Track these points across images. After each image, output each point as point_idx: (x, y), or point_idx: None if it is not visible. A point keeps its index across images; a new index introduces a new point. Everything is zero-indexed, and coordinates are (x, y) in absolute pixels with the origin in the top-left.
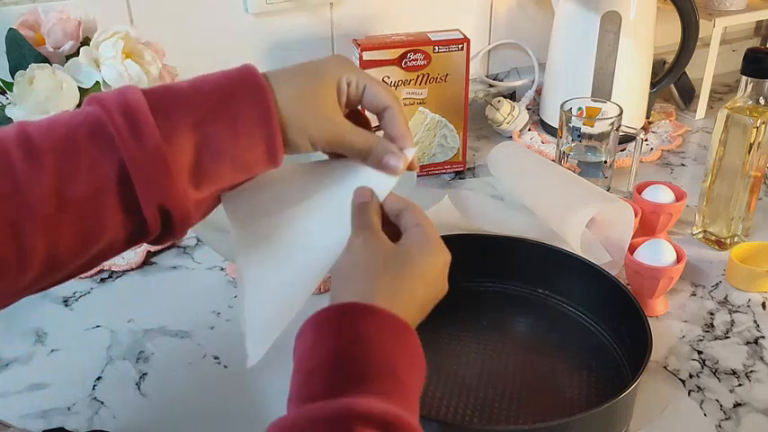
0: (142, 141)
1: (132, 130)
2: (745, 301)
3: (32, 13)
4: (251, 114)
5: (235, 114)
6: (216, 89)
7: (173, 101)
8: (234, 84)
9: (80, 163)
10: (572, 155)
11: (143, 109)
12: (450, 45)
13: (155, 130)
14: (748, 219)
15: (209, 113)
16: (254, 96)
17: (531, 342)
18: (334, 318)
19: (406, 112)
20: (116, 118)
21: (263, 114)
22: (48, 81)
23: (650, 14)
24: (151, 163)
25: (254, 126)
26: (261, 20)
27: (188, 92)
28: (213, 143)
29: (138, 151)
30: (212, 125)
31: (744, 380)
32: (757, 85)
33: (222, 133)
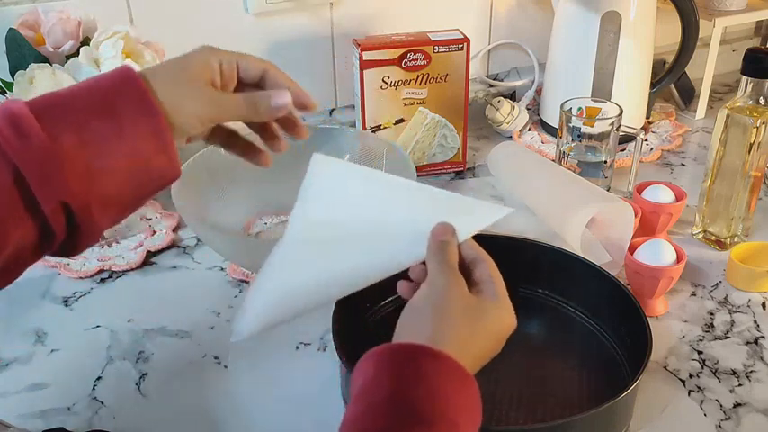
0: (29, 141)
1: (17, 133)
2: (745, 301)
3: (32, 13)
4: (129, 103)
5: (113, 106)
6: (94, 87)
7: (53, 104)
8: (109, 80)
9: None
10: (572, 155)
11: (25, 114)
12: (450, 45)
13: (39, 131)
14: (748, 219)
15: (89, 109)
16: (129, 87)
17: (531, 342)
18: (404, 357)
19: (407, 112)
20: (2, 127)
21: (141, 101)
22: (48, 81)
23: (650, 14)
24: (41, 159)
25: (135, 114)
26: (261, 20)
27: (67, 94)
28: (98, 136)
29: (27, 151)
30: (94, 119)
31: (744, 380)
32: (757, 85)
33: (105, 126)
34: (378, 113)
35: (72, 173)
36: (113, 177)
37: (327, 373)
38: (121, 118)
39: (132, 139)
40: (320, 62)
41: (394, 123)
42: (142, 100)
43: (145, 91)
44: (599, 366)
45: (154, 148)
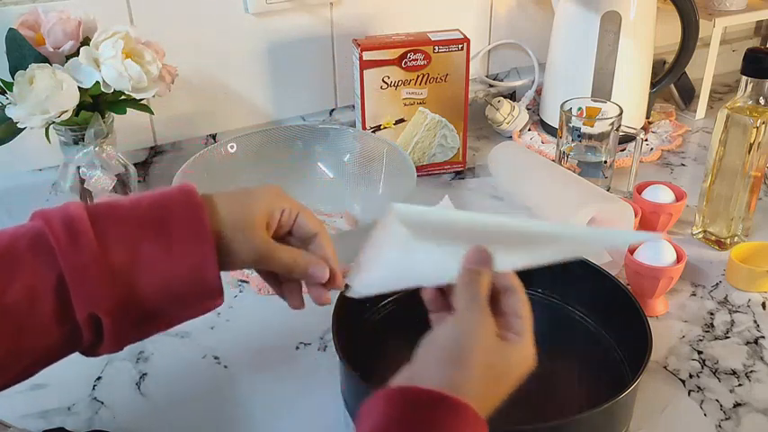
0: (79, 248)
1: (71, 238)
2: (745, 301)
3: (32, 13)
4: (184, 229)
5: (168, 229)
6: (154, 204)
7: (111, 214)
8: (172, 201)
9: (18, 270)
10: (572, 155)
11: (83, 219)
12: (450, 45)
13: (92, 240)
14: (748, 219)
15: (145, 226)
16: (189, 212)
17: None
18: (423, 405)
19: (407, 112)
20: (56, 227)
21: (197, 231)
22: (48, 81)
23: (650, 14)
24: (86, 269)
25: (188, 242)
26: (261, 20)
27: (127, 206)
28: (147, 256)
29: (75, 257)
30: (147, 240)
31: (744, 380)
32: (757, 85)
33: (155, 247)
34: (378, 113)
35: (113, 288)
36: (152, 298)
37: (327, 373)
38: (173, 242)
39: (179, 265)
40: (320, 62)
41: (394, 123)
42: (198, 230)
43: (202, 220)
44: (599, 366)
45: (198, 278)
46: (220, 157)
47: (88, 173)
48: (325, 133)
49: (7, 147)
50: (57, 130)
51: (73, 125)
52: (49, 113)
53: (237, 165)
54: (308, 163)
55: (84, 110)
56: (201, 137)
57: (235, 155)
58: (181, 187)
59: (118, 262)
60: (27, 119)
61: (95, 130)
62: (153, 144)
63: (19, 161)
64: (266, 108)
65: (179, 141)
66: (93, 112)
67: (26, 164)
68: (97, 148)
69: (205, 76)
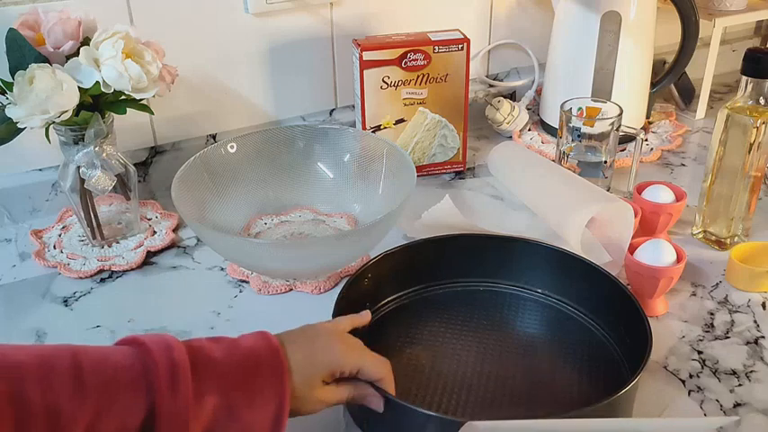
0: (177, 396)
1: (172, 384)
2: (745, 301)
3: (32, 13)
4: (270, 391)
5: (255, 388)
6: (244, 361)
7: (207, 364)
8: (260, 360)
9: (117, 404)
10: (572, 155)
11: (185, 367)
12: (450, 45)
13: (189, 389)
14: (748, 219)
15: (235, 382)
16: (274, 377)
17: (531, 341)
18: None
19: (407, 112)
20: (162, 370)
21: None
22: (48, 81)
23: (650, 14)
24: (178, 416)
25: (270, 402)
26: (261, 20)
27: (221, 359)
28: (232, 409)
29: (171, 403)
30: (235, 393)
31: (744, 380)
32: (757, 85)
33: (242, 396)
34: (378, 113)
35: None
36: None
37: None
38: (256, 400)
39: (258, 413)
40: (320, 62)
41: (394, 123)
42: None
43: (285, 391)
44: (599, 365)
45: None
46: (220, 157)
47: (88, 173)
48: (325, 133)
49: (7, 147)
50: (57, 130)
51: (73, 125)
52: (49, 113)
53: (237, 165)
54: (308, 163)
55: (84, 110)
56: (201, 137)
57: (235, 155)
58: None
59: (209, 410)
60: (27, 119)
61: (95, 130)
62: (153, 144)
63: (19, 161)
64: (266, 108)
65: (179, 141)
66: (93, 112)
67: (26, 164)
68: (97, 148)
69: (205, 76)
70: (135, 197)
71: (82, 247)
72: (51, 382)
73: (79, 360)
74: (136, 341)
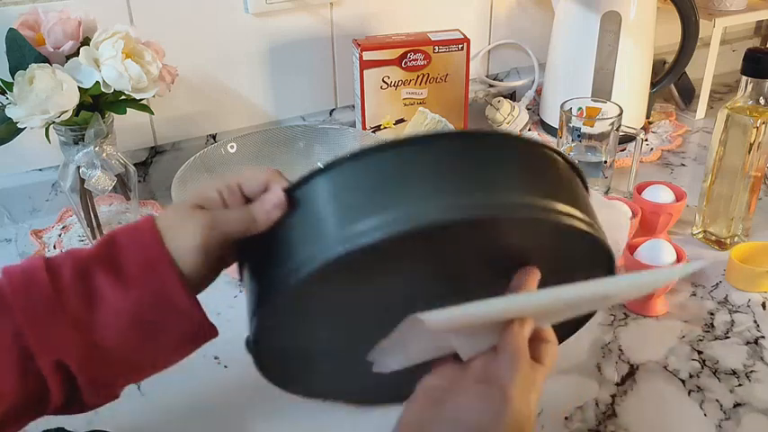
0: (33, 296)
1: (25, 287)
2: (745, 301)
3: (32, 12)
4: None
5: (120, 262)
6: (104, 242)
7: (67, 258)
8: (119, 234)
9: None
10: (572, 155)
11: (38, 268)
12: (450, 45)
13: (47, 286)
14: (748, 219)
15: (97, 262)
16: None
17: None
18: None
19: (407, 112)
20: (13, 278)
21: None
22: (48, 81)
23: (650, 14)
24: (43, 316)
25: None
26: (261, 20)
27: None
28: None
29: (30, 305)
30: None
31: (744, 380)
32: (757, 85)
33: (109, 281)
34: (378, 113)
35: (75, 331)
36: (119, 336)
37: None
38: (126, 273)
39: (139, 295)
40: (320, 62)
41: (394, 123)
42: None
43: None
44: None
45: (165, 304)
46: (220, 157)
47: (88, 173)
48: (325, 133)
49: (7, 147)
50: (57, 130)
51: (73, 125)
52: (49, 113)
53: (237, 165)
54: (308, 163)
55: (84, 110)
56: (201, 137)
57: (235, 155)
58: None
59: (74, 304)
60: (27, 119)
61: (95, 130)
62: (153, 144)
63: (19, 161)
64: (266, 108)
65: (179, 141)
66: (93, 112)
67: (26, 164)
68: (97, 148)
69: (205, 76)
70: (135, 197)
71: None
72: None
73: None
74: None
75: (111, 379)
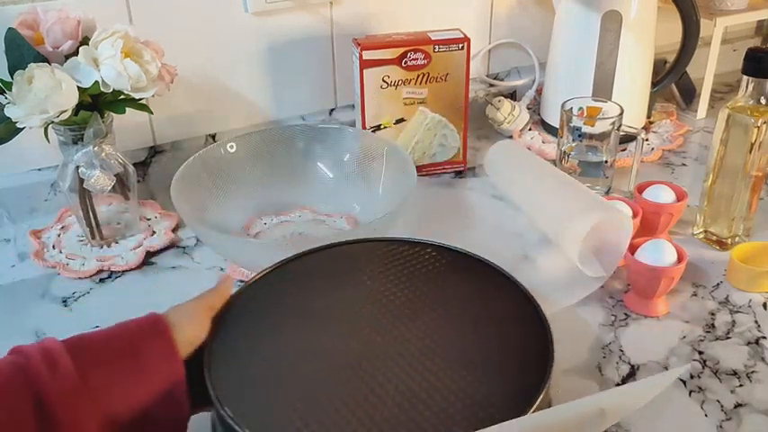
0: (58, 374)
1: (50, 366)
2: (746, 302)
3: (31, 12)
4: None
5: (139, 350)
6: (121, 330)
7: (83, 343)
8: (139, 324)
9: None
10: (573, 154)
11: (59, 348)
12: (450, 44)
13: (70, 365)
14: (749, 219)
15: (116, 350)
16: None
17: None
18: None
19: (407, 112)
20: (35, 357)
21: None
22: (47, 80)
23: (651, 14)
24: (66, 394)
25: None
26: (260, 19)
27: (96, 335)
28: (122, 376)
29: (54, 383)
30: (120, 360)
31: (745, 380)
32: (758, 85)
33: (129, 368)
34: (378, 113)
35: (95, 412)
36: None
37: None
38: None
39: (150, 380)
40: (320, 62)
41: (394, 123)
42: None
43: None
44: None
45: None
46: (220, 157)
47: (87, 172)
48: (325, 133)
49: (6, 146)
50: (56, 129)
51: (72, 125)
52: (48, 113)
53: (237, 165)
54: (308, 163)
55: (83, 109)
56: (201, 136)
57: (235, 155)
58: (148, 316)
59: (97, 386)
60: (26, 118)
61: (94, 129)
62: (152, 144)
63: (18, 161)
64: (266, 108)
65: (178, 141)
66: (92, 112)
67: (25, 164)
68: (96, 147)
69: (205, 76)
70: (134, 197)
71: (81, 248)
72: None
73: None
74: (14, 349)
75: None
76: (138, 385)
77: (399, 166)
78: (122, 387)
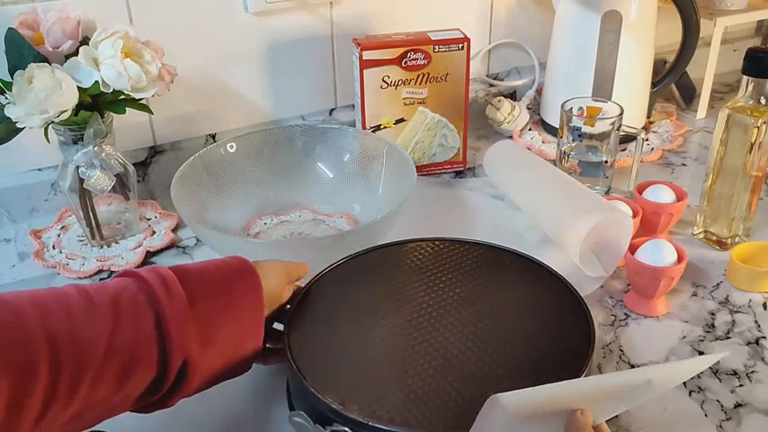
0: (173, 299)
1: (167, 291)
2: (746, 302)
3: (31, 12)
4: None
5: (232, 289)
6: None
7: (190, 275)
8: (232, 267)
9: (127, 316)
10: (573, 155)
11: (173, 278)
12: (450, 44)
13: (182, 295)
14: (749, 219)
15: (215, 286)
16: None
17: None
18: None
19: (407, 112)
20: (155, 283)
21: (255, 296)
22: (47, 80)
23: (651, 14)
24: (181, 318)
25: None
26: (260, 19)
27: (200, 269)
28: (217, 307)
29: (171, 306)
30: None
31: (745, 380)
32: (758, 85)
33: (221, 301)
34: (378, 113)
35: (196, 336)
36: (216, 350)
37: None
38: (235, 298)
39: (239, 317)
40: (320, 62)
41: (394, 123)
42: (254, 299)
43: (259, 295)
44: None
45: (249, 330)
46: (220, 157)
47: (87, 172)
48: (325, 133)
49: (6, 146)
50: (56, 129)
51: (72, 125)
52: (48, 113)
53: (237, 165)
54: (308, 163)
55: (83, 109)
56: (201, 136)
57: (235, 155)
58: (236, 258)
59: (200, 314)
60: (26, 118)
61: (94, 129)
62: (152, 144)
63: (18, 161)
64: (266, 108)
65: (178, 141)
66: (92, 112)
67: (25, 164)
68: (96, 147)
69: (205, 76)
70: (134, 197)
71: (81, 247)
72: (70, 310)
73: (84, 289)
74: (129, 272)
75: (196, 386)
76: (230, 316)
77: (399, 166)
78: (219, 315)
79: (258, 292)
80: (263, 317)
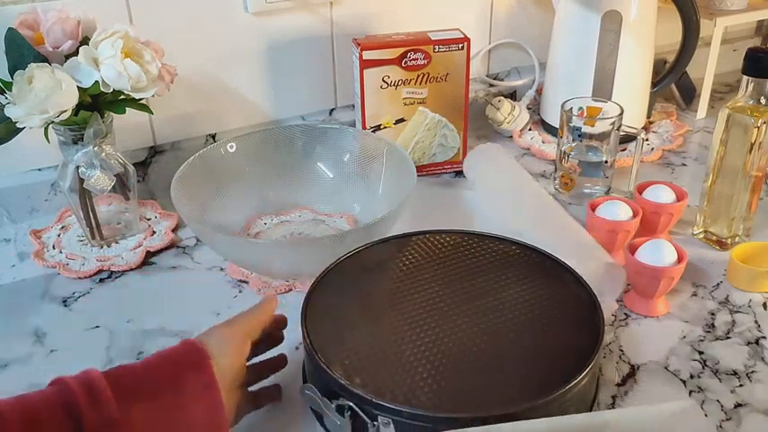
0: (99, 406)
1: (91, 398)
2: (746, 302)
3: (31, 12)
4: (196, 379)
5: (180, 381)
6: (162, 362)
7: (124, 375)
8: (178, 356)
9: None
10: (573, 155)
11: (101, 380)
12: (450, 44)
13: (111, 399)
14: (749, 219)
15: (158, 383)
16: (197, 365)
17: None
18: None
19: (407, 112)
20: (78, 390)
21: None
22: (47, 80)
23: (651, 14)
24: (106, 427)
25: (200, 391)
26: (260, 19)
27: (138, 366)
28: (164, 408)
29: (95, 416)
30: (162, 393)
31: (745, 380)
32: (758, 85)
33: (171, 400)
34: (378, 113)
35: None
36: None
37: None
38: (185, 393)
39: (192, 407)
40: (320, 62)
41: (394, 123)
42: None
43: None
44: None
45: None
46: (220, 157)
47: (87, 172)
48: (324, 133)
49: (6, 146)
50: (56, 129)
51: (72, 125)
52: (48, 113)
53: (237, 165)
54: (308, 163)
55: (83, 109)
56: (201, 136)
57: (235, 155)
58: (185, 341)
59: (137, 420)
60: (26, 118)
61: (94, 129)
62: (152, 144)
63: (18, 161)
64: (266, 108)
65: (178, 141)
66: (92, 112)
67: (25, 164)
68: (96, 147)
69: (205, 76)
70: (134, 197)
71: (81, 247)
72: None
73: None
74: (56, 381)
75: None
76: (178, 417)
77: (399, 166)
78: (163, 419)
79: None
80: (219, 399)
